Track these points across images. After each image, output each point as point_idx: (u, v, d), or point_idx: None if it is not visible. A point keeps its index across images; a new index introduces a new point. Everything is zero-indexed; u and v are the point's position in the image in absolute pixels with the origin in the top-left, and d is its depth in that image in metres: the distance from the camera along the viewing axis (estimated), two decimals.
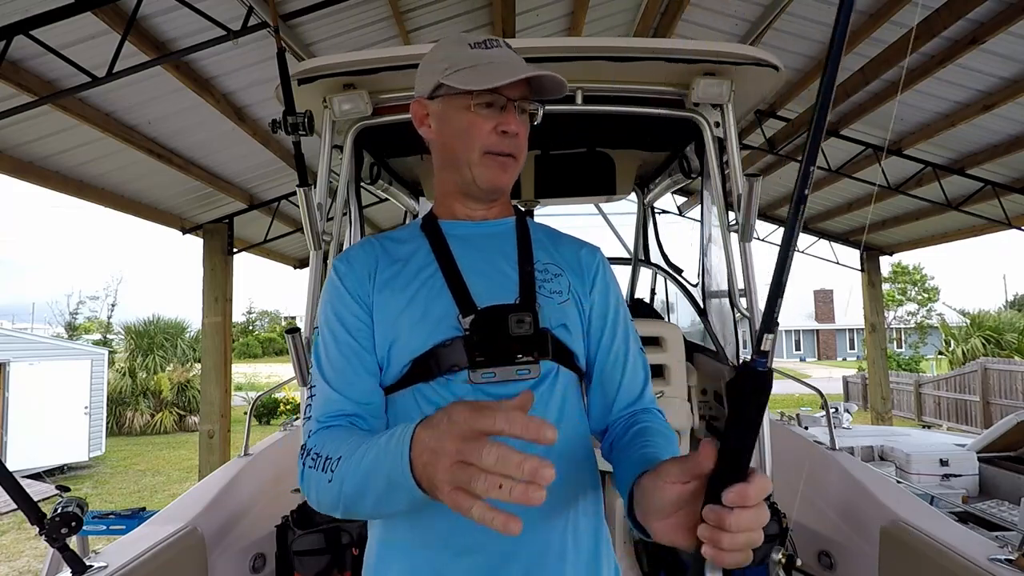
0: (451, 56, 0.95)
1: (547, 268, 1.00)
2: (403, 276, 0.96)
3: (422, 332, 0.91)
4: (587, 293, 1.02)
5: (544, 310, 0.94)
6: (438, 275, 0.95)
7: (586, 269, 1.04)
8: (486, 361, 0.89)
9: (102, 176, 5.43)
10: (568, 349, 0.96)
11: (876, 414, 10.41)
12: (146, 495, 9.52)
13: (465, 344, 0.89)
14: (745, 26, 5.30)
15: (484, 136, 0.93)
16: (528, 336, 0.90)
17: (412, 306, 0.93)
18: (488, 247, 1.00)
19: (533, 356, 0.90)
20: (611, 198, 3.10)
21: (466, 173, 0.97)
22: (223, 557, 1.77)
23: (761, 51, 1.75)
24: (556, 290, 0.97)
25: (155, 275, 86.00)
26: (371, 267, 0.98)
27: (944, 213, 7.61)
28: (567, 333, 0.96)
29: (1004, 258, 69.66)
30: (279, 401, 16.22)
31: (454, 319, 0.91)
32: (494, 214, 1.04)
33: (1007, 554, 1.34)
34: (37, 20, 3.39)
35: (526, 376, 0.90)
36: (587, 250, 1.08)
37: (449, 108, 0.95)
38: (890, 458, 6.72)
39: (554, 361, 0.93)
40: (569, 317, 0.97)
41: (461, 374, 0.89)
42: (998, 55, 4.57)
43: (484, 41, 0.96)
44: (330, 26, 4.69)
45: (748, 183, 1.76)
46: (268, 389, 5.51)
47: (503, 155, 0.95)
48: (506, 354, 0.89)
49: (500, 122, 0.93)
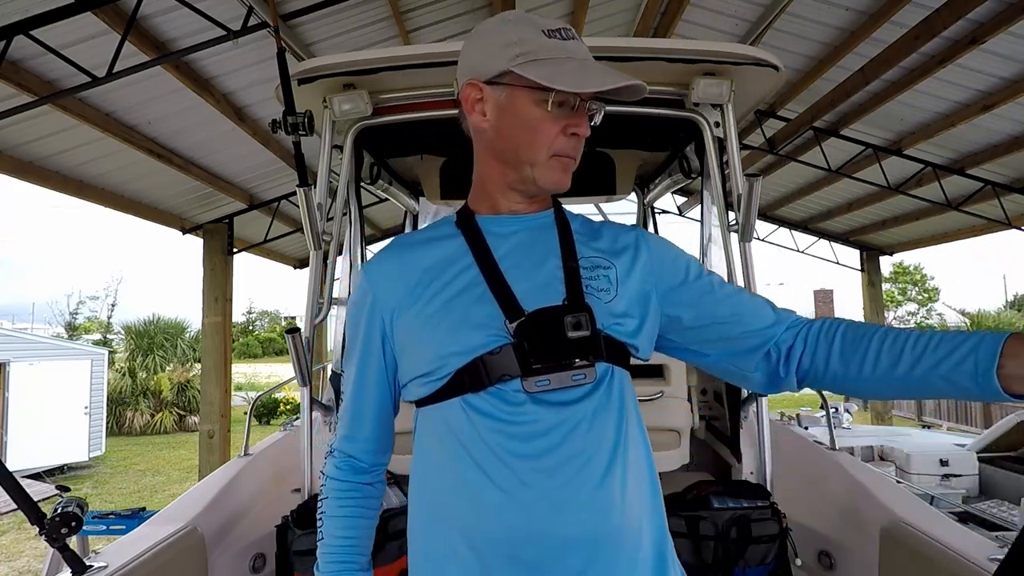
0: (525, 40, 0.86)
1: (591, 262, 0.93)
2: (439, 280, 0.90)
3: (464, 340, 0.85)
4: (635, 277, 0.94)
5: (593, 308, 0.87)
6: (479, 277, 0.89)
7: (626, 253, 0.96)
8: (541, 368, 0.83)
9: (102, 176, 5.43)
10: (622, 345, 0.90)
11: (876, 414, 10.41)
12: (146, 495, 9.52)
13: (516, 351, 0.83)
14: (745, 26, 5.30)
15: (554, 137, 0.87)
16: (587, 338, 0.84)
17: (451, 312, 0.87)
18: (529, 243, 0.93)
19: (589, 359, 0.85)
20: (611, 198, 3.10)
21: (526, 172, 0.90)
22: (223, 557, 1.77)
23: (761, 51, 1.74)
24: (602, 287, 0.91)
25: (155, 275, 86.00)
26: (399, 272, 0.93)
27: (944, 213, 7.61)
28: (620, 328, 0.89)
29: (1004, 258, 69.70)
30: (279, 401, 16.22)
31: (500, 324, 0.85)
32: (536, 207, 0.97)
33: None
34: (37, 20, 3.39)
35: (582, 381, 0.84)
36: (624, 234, 1.00)
37: (516, 100, 0.87)
38: (890, 458, 6.73)
39: (608, 362, 0.87)
40: (618, 310, 0.90)
41: (513, 383, 0.83)
42: (998, 55, 4.57)
43: (560, 30, 0.88)
44: (330, 26, 4.69)
45: (748, 183, 1.75)
46: (268, 389, 5.52)
47: (568, 157, 0.90)
48: (563, 359, 0.84)
49: (571, 124, 0.87)
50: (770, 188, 8.91)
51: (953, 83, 5.09)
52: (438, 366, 0.85)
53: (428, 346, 0.87)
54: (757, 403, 1.86)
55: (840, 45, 5.01)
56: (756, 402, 1.87)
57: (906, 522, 1.60)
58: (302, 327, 1.81)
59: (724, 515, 1.70)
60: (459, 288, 0.88)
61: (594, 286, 0.90)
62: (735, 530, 1.69)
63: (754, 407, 1.92)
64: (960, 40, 4.42)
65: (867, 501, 1.81)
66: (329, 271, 1.96)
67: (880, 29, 4.56)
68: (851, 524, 1.85)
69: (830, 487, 2.02)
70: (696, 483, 1.99)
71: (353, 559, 0.97)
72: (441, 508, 0.85)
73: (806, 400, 15.85)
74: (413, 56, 1.71)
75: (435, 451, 0.87)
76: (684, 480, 2.10)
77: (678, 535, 1.72)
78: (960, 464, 6.27)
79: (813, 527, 1.92)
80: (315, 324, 1.88)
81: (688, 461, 2.15)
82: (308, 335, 1.81)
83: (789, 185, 8.80)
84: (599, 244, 0.96)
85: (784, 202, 9.35)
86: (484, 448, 0.82)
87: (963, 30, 4.33)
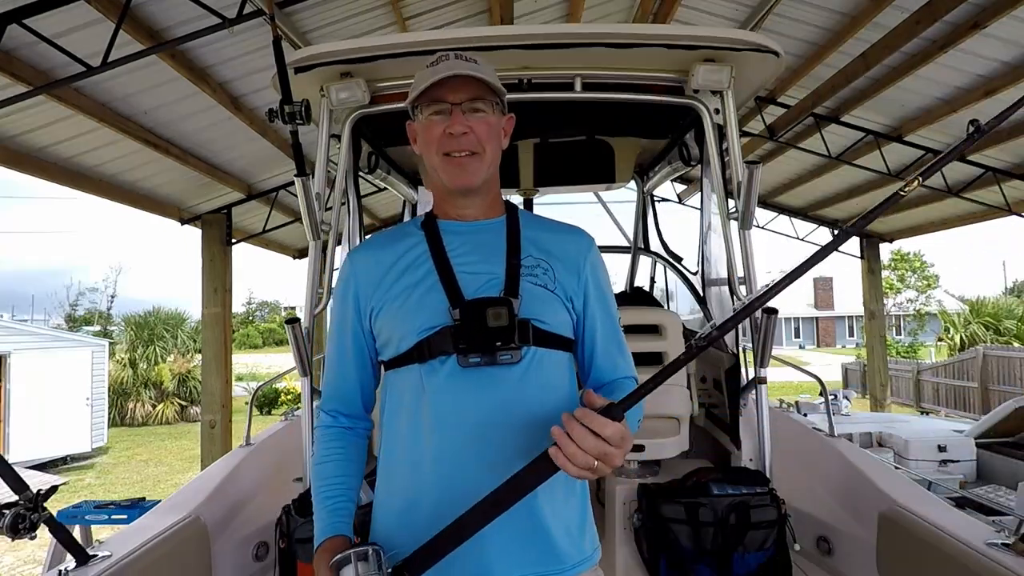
0: (417, 79, 1.09)
1: (536, 261, 1.11)
2: (406, 270, 1.10)
3: (418, 320, 1.05)
4: (575, 281, 1.13)
5: (527, 301, 1.06)
6: (433, 271, 1.08)
7: (574, 258, 1.15)
8: (471, 347, 1.02)
9: (99, 166, 5.40)
10: (551, 334, 1.08)
11: (875, 401, 10.45)
12: (149, 485, 9.58)
13: (452, 333, 1.03)
14: (745, 11, 5.25)
15: (437, 140, 1.07)
16: (504, 327, 1.02)
17: (411, 297, 1.07)
18: (479, 244, 1.12)
19: (515, 343, 1.03)
20: (611, 186, 3.09)
21: (436, 176, 1.12)
22: (226, 546, 1.78)
23: (761, 37, 1.73)
24: (541, 283, 1.09)
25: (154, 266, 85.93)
26: (375, 266, 1.13)
27: (944, 200, 7.59)
28: (549, 320, 1.08)
29: (1004, 245, 69.63)
30: (280, 391, 16.27)
31: (446, 310, 1.04)
32: (484, 214, 1.16)
33: (1004, 539, 1.35)
34: (30, 9, 3.35)
35: (508, 361, 1.03)
36: (576, 239, 1.19)
37: (418, 124, 1.11)
38: (888, 444, 6.76)
39: (536, 346, 1.05)
40: (551, 305, 1.09)
41: (452, 358, 1.03)
42: (1000, 39, 4.53)
43: (439, 57, 1.09)
44: (326, 13, 4.65)
45: (748, 170, 1.75)
46: (269, 379, 5.53)
47: (458, 154, 1.06)
48: (487, 342, 1.02)
49: (447, 125, 1.05)
50: (770, 175, 8.88)
51: (954, 68, 5.05)
52: (398, 339, 1.07)
53: (391, 324, 1.08)
54: (756, 390, 1.87)
55: (841, 30, 4.96)
56: (755, 389, 1.88)
57: (904, 507, 1.61)
58: (302, 317, 1.82)
59: (723, 501, 1.72)
60: (420, 277, 1.08)
61: (533, 280, 1.08)
62: (734, 516, 1.70)
63: (753, 394, 1.92)
64: (962, 24, 4.38)
65: (865, 487, 1.82)
66: (328, 261, 1.95)
67: (881, 13, 4.52)
68: (849, 510, 1.86)
69: (829, 473, 2.04)
70: (695, 470, 2.00)
71: (341, 494, 1.09)
72: (396, 438, 1.09)
73: (805, 387, 15.92)
74: (410, 44, 1.70)
75: (394, 402, 1.09)
76: (683, 467, 2.12)
77: (678, 521, 1.74)
78: (958, 450, 6.29)
79: (812, 513, 1.94)
80: (315, 314, 1.88)
81: (687, 448, 2.16)
82: (308, 325, 1.82)
83: (789, 172, 8.77)
84: (549, 245, 1.14)
85: (784, 189, 9.32)
86: (427, 406, 1.03)
87: (965, 14, 4.29)
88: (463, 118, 1.05)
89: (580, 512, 1.10)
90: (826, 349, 34.64)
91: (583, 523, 1.10)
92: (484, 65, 1.09)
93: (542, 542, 1.02)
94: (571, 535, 1.06)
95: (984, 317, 18.02)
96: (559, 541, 1.03)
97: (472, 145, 1.06)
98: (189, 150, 5.68)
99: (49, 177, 5.03)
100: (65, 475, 9.74)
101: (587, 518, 1.12)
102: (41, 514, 1.25)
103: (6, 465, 1.23)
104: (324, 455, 1.12)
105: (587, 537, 1.10)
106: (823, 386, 2.37)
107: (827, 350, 33.82)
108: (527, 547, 1.00)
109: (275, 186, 7.25)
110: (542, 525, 1.02)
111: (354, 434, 1.16)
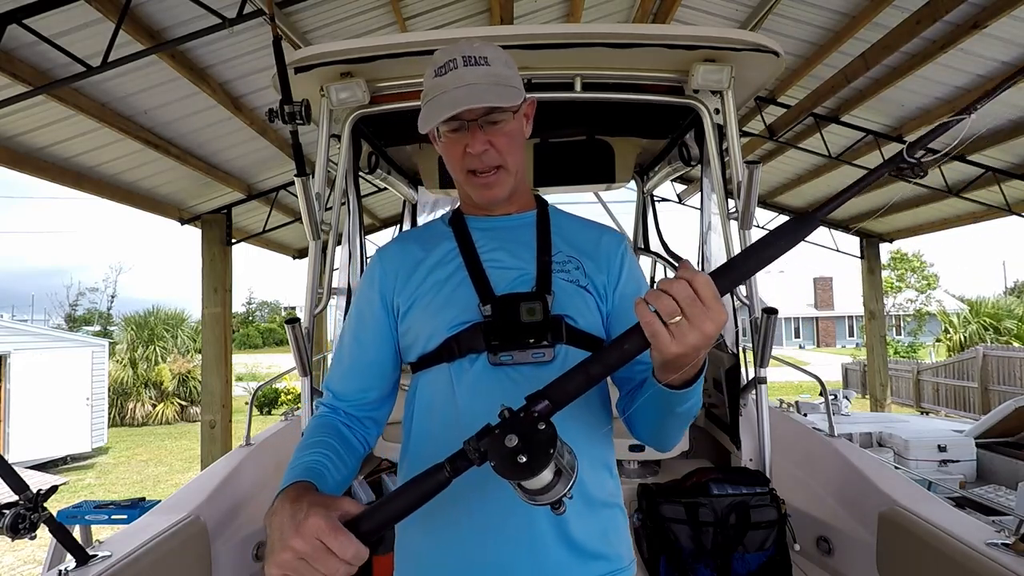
0: (425, 88, 1.05)
1: (567, 257, 1.08)
2: (434, 268, 1.07)
3: (447, 316, 1.02)
4: (609, 279, 1.09)
5: (559, 297, 1.02)
6: (462, 267, 1.06)
7: (608, 257, 1.11)
8: (502, 345, 0.98)
9: (99, 167, 5.40)
10: (583, 333, 1.03)
11: (875, 401, 10.45)
12: (149, 485, 9.58)
13: (483, 329, 0.99)
14: (745, 11, 5.25)
15: (459, 159, 1.04)
16: (538, 322, 0.99)
17: (440, 294, 1.05)
18: (509, 240, 1.09)
19: (547, 340, 0.98)
20: (610, 186, 3.09)
21: (463, 192, 1.12)
22: (226, 546, 1.78)
23: (761, 36, 1.73)
24: (572, 279, 1.05)
25: (154, 266, 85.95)
26: (404, 262, 1.10)
27: (944, 200, 7.59)
28: (581, 318, 1.03)
29: (1004, 245, 69.63)
30: (280, 391, 16.27)
31: (476, 307, 1.01)
32: (515, 209, 1.13)
33: (1004, 539, 1.34)
34: (30, 9, 3.35)
35: (540, 359, 0.99)
36: (608, 237, 1.15)
37: (439, 140, 1.06)
38: (888, 444, 6.75)
39: (568, 344, 1.01)
40: (584, 303, 1.04)
41: (483, 355, 0.99)
42: (1000, 39, 4.53)
43: (445, 64, 1.01)
44: (326, 13, 4.65)
45: (748, 170, 1.75)
46: (269, 379, 5.52)
47: (483, 173, 1.04)
48: (519, 339, 0.98)
49: (467, 144, 1.01)
50: (770, 175, 8.88)
51: (954, 68, 5.05)
52: (426, 337, 1.03)
53: (419, 321, 1.04)
54: (756, 390, 1.87)
55: (841, 30, 4.96)
56: (755, 389, 1.88)
57: (904, 507, 1.61)
58: (302, 317, 1.82)
59: (723, 501, 1.72)
60: (448, 274, 1.06)
61: (565, 276, 1.05)
62: (734, 516, 1.70)
63: (753, 394, 1.92)
64: (962, 24, 4.38)
65: (865, 487, 1.82)
66: (328, 261, 1.95)
67: (881, 13, 4.52)
68: (849, 510, 1.86)
69: (828, 473, 2.04)
70: (695, 470, 2.01)
71: (313, 469, 0.90)
72: (425, 440, 1.03)
73: (805, 387, 15.92)
74: (410, 44, 1.70)
75: (423, 403, 1.04)
76: (684, 467, 2.12)
77: (678, 521, 1.74)
78: (958, 450, 6.29)
79: (811, 513, 1.94)
80: (315, 314, 1.88)
81: (688, 449, 2.17)
82: (308, 325, 1.82)
83: (789, 172, 8.77)
84: (580, 242, 1.11)
85: (784, 189, 9.32)
86: (457, 405, 0.98)
87: (965, 14, 4.29)
88: (481, 134, 1.01)
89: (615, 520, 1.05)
90: (826, 349, 34.62)
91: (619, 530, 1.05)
92: (494, 60, 1.02)
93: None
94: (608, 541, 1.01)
95: (984, 317, 18.02)
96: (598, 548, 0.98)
97: (494, 160, 1.03)
98: (189, 150, 5.67)
99: (49, 177, 5.03)
100: (65, 475, 9.74)
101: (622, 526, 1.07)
102: (41, 514, 1.25)
103: (6, 465, 1.23)
104: (305, 439, 0.99)
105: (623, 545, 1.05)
106: (823, 386, 2.37)
107: (827, 350, 33.81)
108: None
109: (275, 186, 7.25)
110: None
111: (350, 431, 1.05)
